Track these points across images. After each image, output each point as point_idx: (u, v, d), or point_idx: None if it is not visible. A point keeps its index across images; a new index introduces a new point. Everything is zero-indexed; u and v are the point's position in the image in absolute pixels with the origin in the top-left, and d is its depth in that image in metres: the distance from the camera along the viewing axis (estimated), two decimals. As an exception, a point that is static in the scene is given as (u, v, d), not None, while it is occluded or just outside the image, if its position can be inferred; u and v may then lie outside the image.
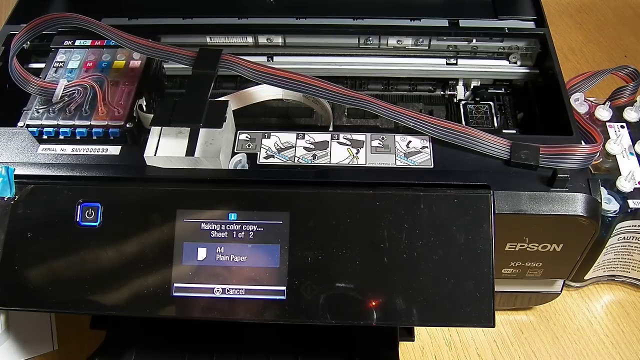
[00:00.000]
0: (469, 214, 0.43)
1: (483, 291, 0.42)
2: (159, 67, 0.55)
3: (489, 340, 0.59)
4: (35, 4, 0.61)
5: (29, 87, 0.49)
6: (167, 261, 0.43)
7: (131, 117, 0.48)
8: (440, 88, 0.61)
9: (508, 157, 0.46)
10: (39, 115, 0.49)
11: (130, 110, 0.49)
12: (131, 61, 0.53)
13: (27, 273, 0.44)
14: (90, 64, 0.53)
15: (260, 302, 0.43)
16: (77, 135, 0.48)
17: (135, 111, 0.49)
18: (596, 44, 0.88)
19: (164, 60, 0.55)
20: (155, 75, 0.54)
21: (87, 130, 0.48)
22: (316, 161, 0.46)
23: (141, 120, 0.49)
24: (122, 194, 0.44)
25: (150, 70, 0.53)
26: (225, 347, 0.52)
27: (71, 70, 0.52)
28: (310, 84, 0.47)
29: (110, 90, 0.50)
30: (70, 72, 0.52)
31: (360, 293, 0.43)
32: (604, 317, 0.61)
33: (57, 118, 0.48)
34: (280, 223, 0.43)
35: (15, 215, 0.44)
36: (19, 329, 0.57)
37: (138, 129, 0.49)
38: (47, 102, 0.49)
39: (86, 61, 0.53)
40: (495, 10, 0.60)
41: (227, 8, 0.61)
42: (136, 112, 0.49)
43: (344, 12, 0.59)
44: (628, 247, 0.57)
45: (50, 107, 0.49)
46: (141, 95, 0.50)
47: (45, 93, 0.49)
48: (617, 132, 0.59)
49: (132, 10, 0.61)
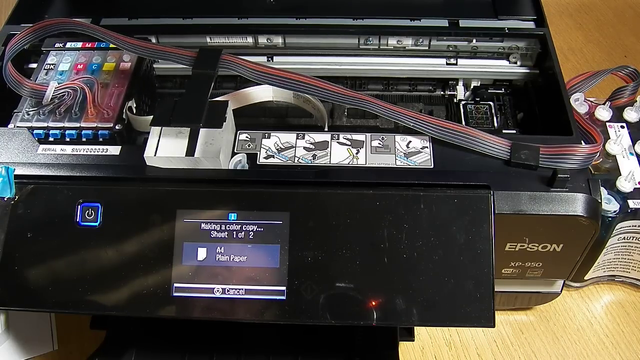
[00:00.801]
0: (469, 214, 0.43)
1: (483, 291, 0.42)
2: (149, 68, 0.55)
3: (489, 340, 0.59)
4: (35, 4, 0.61)
5: (21, 89, 0.50)
6: (167, 261, 0.43)
7: (120, 119, 0.49)
8: (440, 88, 0.60)
9: (508, 157, 0.46)
10: (29, 117, 0.49)
11: (120, 112, 0.49)
12: (121, 63, 0.53)
13: (27, 273, 0.44)
14: (81, 66, 0.53)
15: (260, 302, 0.43)
16: (66, 137, 0.48)
17: (125, 113, 0.49)
18: (596, 44, 0.88)
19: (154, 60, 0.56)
20: (146, 77, 0.54)
21: (76, 132, 0.48)
22: (316, 161, 0.46)
23: (131, 122, 0.49)
24: (122, 194, 0.44)
25: (140, 72, 0.53)
26: (225, 347, 0.52)
27: (62, 73, 0.52)
28: (310, 84, 0.47)
29: (100, 92, 0.50)
30: (61, 74, 0.52)
31: (360, 293, 0.43)
32: (604, 317, 0.61)
33: (47, 120, 0.49)
34: (280, 223, 0.43)
35: (15, 215, 0.44)
36: (19, 329, 0.57)
37: (127, 130, 0.49)
38: (38, 104, 0.50)
39: (77, 63, 0.53)
40: (495, 10, 0.60)
41: (227, 8, 0.61)
42: (126, 113, 0.49)
43: (344, 12, 0.59)
44: (628, 247, 0.57)
45: (40, 109, 0.49)
46: (131, 97, 0.51)
47: (36, 95, 0.50)
48: (617, 132, 0.59)
49: (132, 10, 0.61)
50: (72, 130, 0.48)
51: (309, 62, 0.59)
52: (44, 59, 0.54)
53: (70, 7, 0.62)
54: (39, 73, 0.53)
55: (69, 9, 0.62)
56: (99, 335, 0.53)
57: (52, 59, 0.54)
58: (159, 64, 0.58)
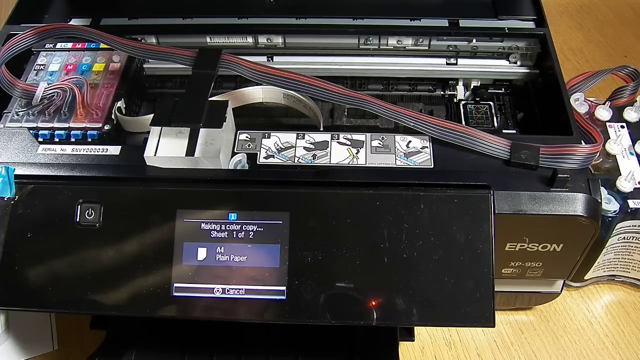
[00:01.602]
0: (469, 214, 0.43)
1: (483, 291, 0.42)
2: (139, 68, 0.55)
3: (489, 340, 0.59)
4: (35, 4, 0.61)
5: (13, 90, 0.50)
6: (167, 261, 0.43)
7: (109, 120, 0.49)
8: (440, 88, 0.60)
9: (508, 157, 0.46)
10: (18, 117, 0.49)
11: (109, 113, 0.49)
12: (111, 64, 0.53)
13: (27, 273, 0.44)
14: (71, 66, 0.53)
15: (261, 302, 0.43)
16: (55, 137, 0.48)
17: (114, 113, 0.49)
18: (596, 44, 0.88)
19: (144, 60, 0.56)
20: (135, 77, 0.54)
21: (65, 132, 0.48)
22: (316, 161, 0.46)
23: (120, 122, 0.49)
24: (122, 194, 0.44)
25: (130, 72, 0.53)
26: (226, 347, 0.52)
27: (52, 73, 0.53)
28: (310, 84, 0.47)
29: (89, 93, 0.51)
30: (51, 75, 0.52)
31: (360, 293, 0.43)
32: (604, 317, 0.61)
33: (36, 120, 0.49)
34: (280, 223, 0.43)
35: (15, 215, 0.44)
36: (19, 329, 0.57)
37: (117, 131, 0.49)
38: (27, 105, 0.50)
39: (67, 64, 0.53)
40: (495, 10, 0.60)
41: (227, 8, 0.61)
42: (115, 114, 0.49)
43: (344, 12, 0.59)
44: (628, 247, 0.57)
45: (29, 109, 0.49)
46: (120, 97, 0.51)
47: (27, 96, 0.50)
48: (617, 132, 0.59)
49: (132, 10, 0.61)
50: (61, 130, 0.48)
51: (309, 62, 0.59)
52: (35, 60, 0.54)
53: (70, 8, 0.62)
54: (29, 73, 0.53)
55: (69, 9, 0.62)
56: (99, 335, 0.53)
57: (42, 60, 0.54)
58: (149, 64, 0.58)
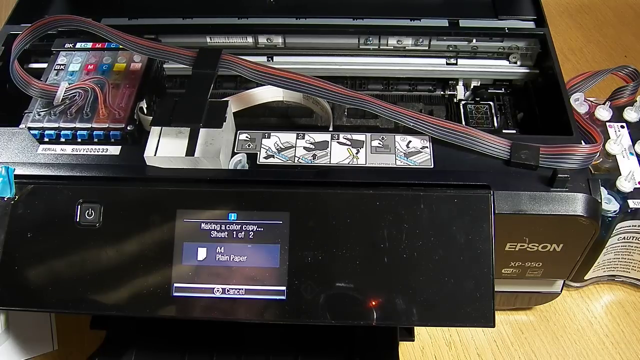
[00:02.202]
0: (469, 214, 0.43)
1: (483, 291, 0.42)
2: (159, 69, 0.55)
3: (489, 340, 0.59)
4: (35, 3, 0.61)
5: (30, 89, 0.49)
6: (167, 261, 0.43)
7: (132, 120, 0.48)
8: (440, 88, 0.60)
9: (508, 157, 0.46)
10: (40, 117, 0.49)
11: (131, 113, 0.49)
12: (132, 64, 0.53)
13: (27, 273, 0.44)
14: (91, 66, 0.53)
15: (261, 302, 0.43)
16: (78, 137, 0.48)
17: (136, 113, 0.49)
18: (596, 44, 0.88)
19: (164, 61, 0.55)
20: (156, 77, 0.54)
21: (88, 132, 0.48)
22: (316, 161, 0.46)
23: (142, 122, 0.49)
24: (122, 194, 0.44)
25: (151, 73, 0.53)
26: (225, 347, 0.52)
27: (72, 73, 0.52)
28: (310, 84, 0.47)
29: (111, 93, 0.50)
30: (72, 75, 0.52)
31: (360, 293, 0.43)
32: (604, 317, 0.61)
33: (59, 121, 0.48)
34: (280, 223, 0.43)
35: (15, 215, 0.44)
36: (19, 329, 0.57)
37: (139, 131, 0.49)
38: (49, 105, 0.49)
39: (87, 64, 0.53)
40: (495, 10, 0.60)
41: (227, 8, 0.61)
42: (137, 114, 0.49)
43: (344, 12, 0.59)
44: (628, 247, 0.57)
45: (51, 109, 0.49)
46: (142, 97, 0.51)
47: (47, 96, 0.50)
48: (617, 132, 0.59)
49: (132, 10, 0.61)
50: (84, 130, 0.48)
51: (309, 62, 0.59)
52: (54, 60, 0.53)
53: (71, 7, 0.62)
54: (49, 73, 0.52)
55: (69, 8, 0.62)
56: (99, 335, 0.53)
57: (62, 60, 0.53)
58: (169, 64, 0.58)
